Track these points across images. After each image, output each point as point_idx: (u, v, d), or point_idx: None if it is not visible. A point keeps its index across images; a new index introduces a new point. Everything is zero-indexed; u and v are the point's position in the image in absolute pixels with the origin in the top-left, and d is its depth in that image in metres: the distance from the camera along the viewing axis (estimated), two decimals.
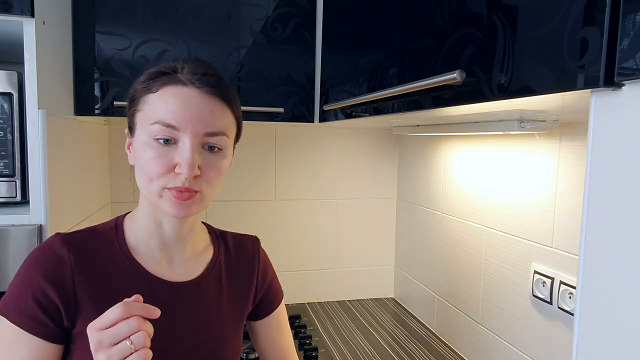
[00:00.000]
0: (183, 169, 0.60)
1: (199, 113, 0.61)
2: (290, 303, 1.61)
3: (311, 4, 1.22)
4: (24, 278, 0.62)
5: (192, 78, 0.62)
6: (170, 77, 0.63)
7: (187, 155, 0.60)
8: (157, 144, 0.61)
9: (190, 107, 0.61)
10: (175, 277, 0.70)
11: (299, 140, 1.57)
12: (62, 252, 0.63)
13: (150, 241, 0.69)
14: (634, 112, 0.35)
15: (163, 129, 0.60)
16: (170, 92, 0.61)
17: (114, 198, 1.43)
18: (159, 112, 0.61)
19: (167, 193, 0.62)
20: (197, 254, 0.74)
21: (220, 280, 0.74)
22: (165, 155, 0.61)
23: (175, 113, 0.60)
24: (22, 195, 0.89)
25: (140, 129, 0.63)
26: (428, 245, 1.45)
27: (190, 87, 0.62)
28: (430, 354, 1.26)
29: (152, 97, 0.62)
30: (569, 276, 0.89)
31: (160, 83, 0.62)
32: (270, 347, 0.82)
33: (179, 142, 0.61)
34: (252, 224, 1.56)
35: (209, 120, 0.62)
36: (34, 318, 0.60)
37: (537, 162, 0.97)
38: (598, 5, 0.38)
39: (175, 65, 0.65)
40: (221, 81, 0.65)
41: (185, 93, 0.61)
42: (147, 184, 0.62)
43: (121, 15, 1.09)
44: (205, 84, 0.63)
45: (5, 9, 0.81)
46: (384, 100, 0.82)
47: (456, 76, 0.55)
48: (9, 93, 0.87)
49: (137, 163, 0.63)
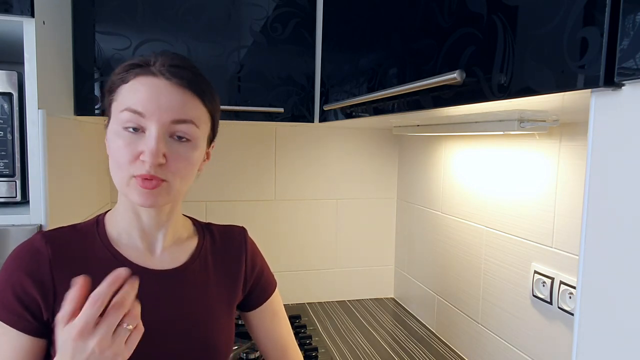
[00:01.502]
0: (147, 156, 0.61)
1: (167, 102, 0.63)
2: (290, 303, 1.61)
3: (311, 4, 1.22)
4: (5, 274, 0.63)
5: (163, 69, 0.64)
6: (142, 69, 0.64)
7: (152, 143, 0.61)
8: (126, 132, 0.62)
9: (158, 96, 0.62)
10: (159, 265, 0.71)
11: (299, 140, 1.57)
12: (40, 247, 0.65)
13: (131, 231, 0.70)
14: (634, 112, 0.35)
15: (131, 116, 0.62)
16: (141, 82, 0.63)
17: (114, 198, 1.43)
18: (129, 100, 0.62)
19: (133, 181, 0.63)
20: (179, 242, 0.74)
21: (207, 267, 0.75)
22: (132, 144, 0.62)
23: (143, 101, 0.62)
24: (22, 195, 0.89)
25: (113, 118, 0.65)
26: (428, 245, 1.45)
27: (160, 78, 0.63)
28: (430, 354, 1.26)
29: (125, 87, 0.64)
30: (569, 276, 0.89)
31: (133, 74, 0.64)
32: (268, 338, 0.82)
33: (146, 131, 0.62)
34: (252, 224, 1.56)
35: (177, 109, 0.63)
36: (14, 312, 0.61)
37: (537, 162, 0.97)
38: (598, 5, 0.38)
39: (149, 57, 0.66)
40: (193, 74, 0.66)
41: (155, 83, 0.63)
42: (116, 172, 0.64)
43: (121, 15, 1.09)
44: (175, 75, 0.64)
45: (5, 9, 0.81)
46: (384, 100, 0.82)
47: (456, 76, 0.55)
48: (9, 93, 0.87)
49: (110, 153, 0.65)
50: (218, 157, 1.51)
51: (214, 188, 1.51)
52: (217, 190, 1.51)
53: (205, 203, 1.50)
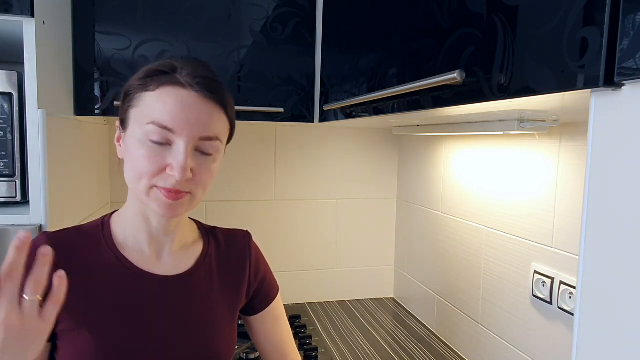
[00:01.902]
0: (176, 172, 0.60)
1: (196, 117, 0.61)
2: (290, 303, 1.61)
3: (311, 4, 1.22)
4: None
5: (192, 81, 0.62)
6: (168, 77, 0.62)
7: (181, 159, 0.60)
8: (151, 143, 0.61)
9: (188, 111, 0.61)
10: (164, 270, 0.70)
11: (299, 140, 1.57)
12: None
13: (139, 236, 0.69)
14: (634, 112, 0.35)
15: (158, 130, 0.60)
16: (168, 92, 0.61)
17: (114, 198, 1.43)
18: (156, 112, 0.60)
19: (156, 191, 0.62)
20: (186, 247, 0.74)
21: (211, 273, 0.74)
22: (158, 155, 0.61)
23: (172, 115, 0.60)
24: (22, 195, 0.89)
25: (134, 125, 0.62)
26: (428, 245, 1.45)
27: (189, 89, 0.61)
28: (430, 354, 1.26)
29: (149, 96, 0.62)
30: (569, 276, 0.89)
31: (158, 82, 0.62)
32: (269, 342, 0.82)
33: (172, 144, 0.61)
34: (252, 224, 1.56)
35: (206, 125, 0.62)
36: None
37: (537, 162, 0.97)
38: (598, 5, 0.38)
39: (174, 64, 0.64)
40: (219, 85, 0.65)
41: (183, 95, 0.61)
42: (136, 181, 0.62)
43: (121, 15, 1.09)
44: (204, 87, 0.62)
45: (5, 9, 0.81)
46: (384, 100, 0.82)
47: (456, 76, 0.55)
48: (9, 93, 0.87)
49: (128, 159, 0.63)
50: None
51: (214, 188, 1.51)
52: (217, 190, 1.51)
53: (205, 203, 1.50)
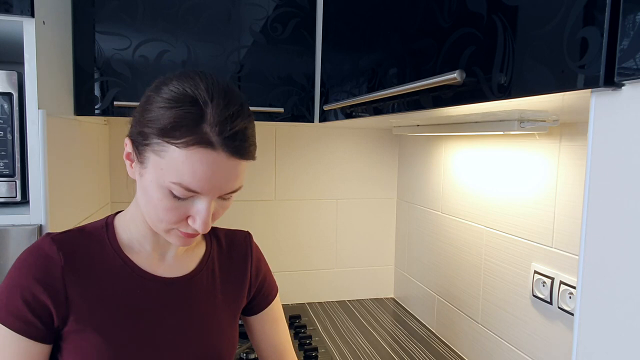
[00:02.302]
0: (198, 226, 0.60)
1: (224, 178, 0.59)
2: (290, 303, 1.61)
3: (311, 4, 1.22)
4: (13, 279, 0.62)
5: (222, 139, 0.56)
6: (198, 134, 0.56)
7: (204, 215, 0.59)
8: (174, 198, 0.59)
9: (217, 174, 0.58)
10: (167, 272, 0.70)
11: (299, 140, 1.57)
12: (51, 252, 0.63)
13: (143, 240, 0.69)
14: (634, 112, 0.35)
15: (183, 192, 0.58)
16: (199, 156, 0.56)
17: (114, 198, 1.43)
18: (184, 176, 0.57)
19: (175, 231, 0.63)
20: (190, 249, 0.74)
21: (214, 275, 0.75)
22: (180, 208, 0.60)
23: (200, 181, 0.57)
24: (22, 195, 0.89)
25: (155, 172, 0.59)
26: (428, 245, 1.45)
27: (219, 151, 0.57)
28: (430, 354, 1.26)
29: (176, 152, 0.56)
30: (569, 276, 0.89)
31: (187, 139, 0.56)
32: (267, 342, 0.82)
33: (196, 198, 0.60)
34: (252, 224, 1.56)
35: (232, 182, 0.60)
36: (22, 319, 0.60)
37: (537, 162, 0.97)
38: (598, 5, 0.38)
39: (201, 107, 0.57)
40: (249, 135, 0.60)
41: (214, 159, 0.57)
42: (155, 220, 0.62)
43: (121, 15, 1.09)
44: (235, 150, 0.58)
45: (5, 9, 0.81)
46: (384, 100, 0.82)
47: (456, 76, 0.55)
48: (9, 93, 0.87)
49: (145, 196, 0.61)
50: None
51: None
52: None
53: None
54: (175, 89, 0.58)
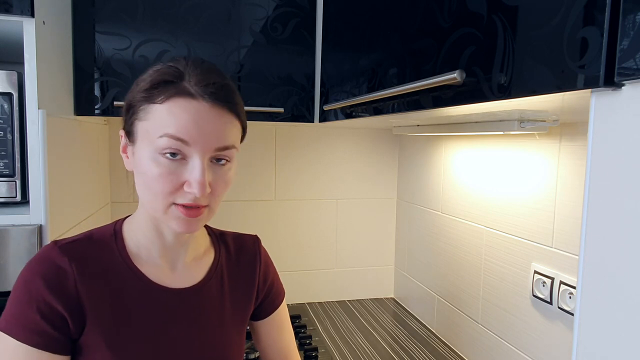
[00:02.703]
0: (194, 188, 0.58)
1: (210, 130, 0.58)
2: (290, 303, 1.61)
3: (311, 4, 1.22)
4: (24, 292, 0.59)
5: (203, 90, 0.58)
6: (177, 88, 0.58)
7: (198, 175, 0.58)
8: (165, 159, 0.58)
9: (201, 123, 0.58)
10: (177, 283, 0.69)
11: (299, 140, 1.57)
12: (63, 264, 0.61)
13: (152, 248, 0.68)
14: (634, 112, 0.35)
15: (172, 142, 0.57)
16: (179, 105, 0.58)
17: (114, 198, 1.43)
18: (168, 126, 0.57)
19: (174, 209, 0.60)
20: (198, 257, 0.73)
21: (222, 283, 0.74)
22: (173, 173, 0.58)
23: (185, 128, 0.57)
24: (22, 195, 0.89)
25: (144, 140, 0.59)
26: (428, 245, 1.45)
27: (200, 100, 0.58)
28: (430, 354, 1.26)
29: (159, 109, 0.58)
30: (569, 276, 0.89)
31: (166, 93, 0.58)
32: (272, 347, 0.81)
33: (188, 159, 0.59)
34: (252, 224, 1.56)
35: (220, 136, 0.59)
36: (40, 332, 0.58)
37: (537, 162, 0.97)
38: (598, 5, 0.38)
39: (180, 70, 0.60)
40: (230, 90, 0.62)
41: (196, 108, 0.58)
42: (152, 200, 0.60)
43: (121, 15, 1.09)
44: (216, 98, 0.59)
45: (5, 9, 0.81)
46: (384, 100, 0.82)
47: (456, 76, 0.55)
48: (9, 93, 0.87)
49: (141, 177, 0.61)
50: None
51: None
52: None
53: None
54: (156, 67, 0.62)
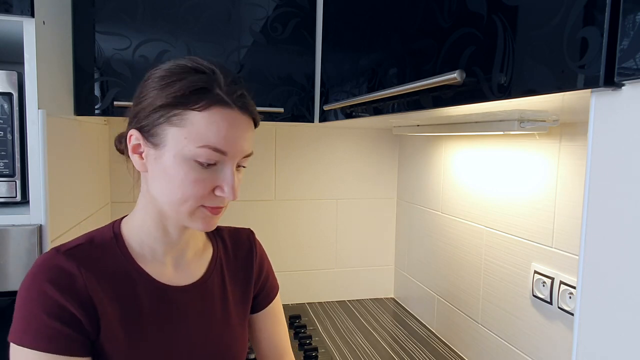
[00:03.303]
0: (228, 194, 0.62)
1: (242, 138, 0.62)
2: (290, 303, 1.61)
3: (311, 4, 1.22)
4: (33, 300, 0.58)
5: (235, 99, 0.61)
6: (214, 96, 0.60)
7: (231, 180, 0.61)
8: (200, 166, 0.60)
9: (237, 132, 0.61)
10: (181, 280, 0.70)
11: (299, 140, 1.57)
12: (71, 268, 0.61)
13: (156, 247, 0.68)
14: (634, 112, 0.35)
15: (213, 154, 0.59)
16: (220, 114, 0.60)
17: (114, 198, 1.43)
18: (210, 136, 0.59)
19: (202, 210, 0.63)
20: (199, 254, 0.74)
21: (223, 277, 0.75)
22: (207, 179, 0.61)
23: (225, 139, 0.60)
24: (22, 195, 0.89)
25: (177, 146, 0.59)
26: (428, 245, 1.45)
27: (234, 109, 0.61)
28: (430, 354, 1.26)
29: (198, 116, 0.59)
30: (569, 276, 0.89)
31: (205, 101, 0.59)
32: (266, 341, 0.82)
33: (219, 164, 0.61)
34: (252, 224, 1.55)
35: (247, 144, 0.63)
36: (57, 337, 0.57)
37: (537, 162, 0.97)
38: (598, 5, 0.38)
39: (210, 77, 0.61)
40: (250, 97, 0.65)
41: (232, 117, 0.61)
42: (179, 203, 0.61)
43: (121, 15, 1.09)
44: (244, 106, 0.62)
45: (5, 9, 0.81)
46: (384, 100, 0.82)
47: (456, 76, 0.55)
48: (9, 93, 0.87)
49: (165, 179, 0.61)
50: None
51: None
52: None
53: None
54: (170, 66, 0.62)
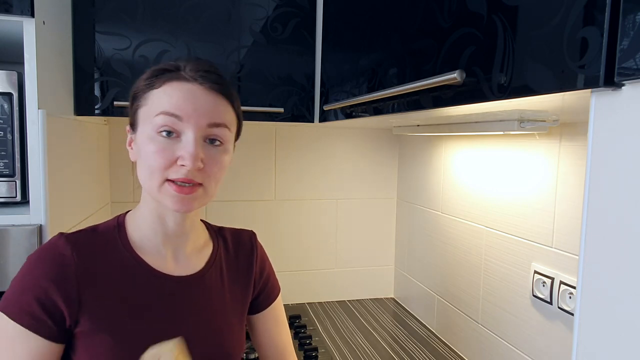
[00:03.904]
0: (186, 160, 0.61)
1: (202, 106, 0.63)
2: (290, 303, 1.61)
3: (311, 4, 1.22)
4: (26, 276, 0.61)
5: (195, 75, 0.64)
6: (173, 74, 0.64)
7: (191, 147, 0.61)
8: (161, 137, 0.62)
9: (194, 101, 0.63)
10: (179, 271, 0.71)
11: (299, 140, 1.57)
12: (65, 251, 0.63)
13: (154, 237, 0.70)
14: (634, 112, 0.35)
15: (167, 119, 0.61)
16: (174, 86, 0.63)
17: (114, 198, 1.43)
18: (163, 104, 0.62)
19: (167, 186, 0.62)
20: (198, 248, 0.75)
21: (222, 274, 0.76)
22: (168, 149, 0.62)
23: (179, 105, 0.62)
24: (22, 195, 0.89)
25: (144, 123, 0.64)
26: (428, 245, 1.45)
27: (193, 83, 0.64)
28: (430, 354, 1.26)
29: (156, 92, 0.64)
30: (569, 276, 0.89)
31: (163, 79, 0.64)
32: (268, 342, 0.82)
33: (181, 136, 0.62)
34: (252, 224, 1.55)
35: (212, 113, 0.64)
36: (33, 316, 0.60)
37: (537, 162, 0.97)
38: (598, 5, 0.38)
39: (178, 63, 0.66)
40: (223, 79, 0.67)
41: (189, 88, 0.63)
42: (149, 177, 0.63)
43: (121, 15, 1.09)
44: (208, 80, 0.64)
45: (5, 9, 0.81)
46: (384, 100, 0.82)
47: (456, 76, 0.55)
48: (9, 93, 0.87)
49: (140, 157, 0.64)
50: None
51: None
52: None
53: None
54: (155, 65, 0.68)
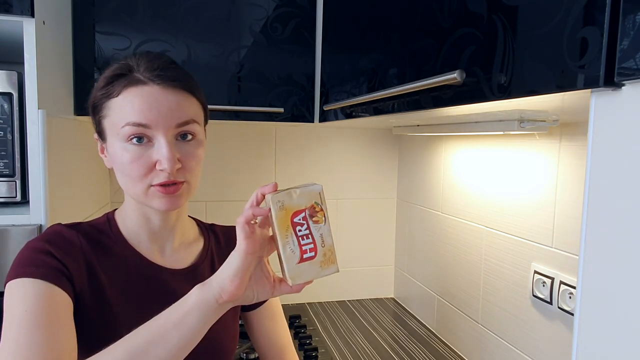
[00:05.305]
0: (164, 164, 0.61)
1: (167, 109, 0.62)
2: (290, 303, 1.61)
3: (311, 4, 1.22)
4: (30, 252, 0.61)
5: (152, 75, 0.62)
6: (128, 78, 0.62)
7: (165, 151, 0.61)
8: (132, 145, 0.62)
9: (157, 105, 0.61)
10: (169, 265, 0.72)
11: (299, 140, 1.57)
12: (71, 236, 0.65)
13: (141, 233, 0.71)
14: (634, 112, 0.35)
15: (134, 129, 0.61)
16: (133, 93, 0.62)
17: (114, 198, 1.43)
18: (127, 114, 0.61)
19: (153, 190, 0.63)
20: (187, 244, 0.76)
21: (213, 268, 0.76)
22: (143, 155, 0.62)
23: (143, 113, 0.61)
24: (22, 195, 0.89)
25: (111, 134, 0.64)
26: (428, 245, 1.45)
27: (151, 85, 0.62)
28: (430, 354, 1.26)
29: (116, 101, 0.62)
30: (569, 276, 0.89)
31: (119, 86, 0.62)
32: (266, 338, 0.82)
33: (153, 140, 0.62)
34: None
35: (178, 112, 0.63)
36: (45, 266, 0.60)
37: (537, 162, 0.97)
38: (598, 5, 0.38)
39: (129, 63, 0.64)
40: (179, 71, 0.65)
41: (148, 92, 0.62)
42: (132, 185, 0.64)
43: (121, 15, 1.09)
44: (165, 78, 0.63)
45: (5, 9, 0.81)
46: (384, 100, 0.82)
47: (456, 76, 0.55)
48: (9, 93, 0.87)
49: (117, 167, 0.65)
50: (218, 157, 1.50)
51: (214, 188, 1.51)
52: (217, 190, 1.51)
53: (205, 203, 1.50)
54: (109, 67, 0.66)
